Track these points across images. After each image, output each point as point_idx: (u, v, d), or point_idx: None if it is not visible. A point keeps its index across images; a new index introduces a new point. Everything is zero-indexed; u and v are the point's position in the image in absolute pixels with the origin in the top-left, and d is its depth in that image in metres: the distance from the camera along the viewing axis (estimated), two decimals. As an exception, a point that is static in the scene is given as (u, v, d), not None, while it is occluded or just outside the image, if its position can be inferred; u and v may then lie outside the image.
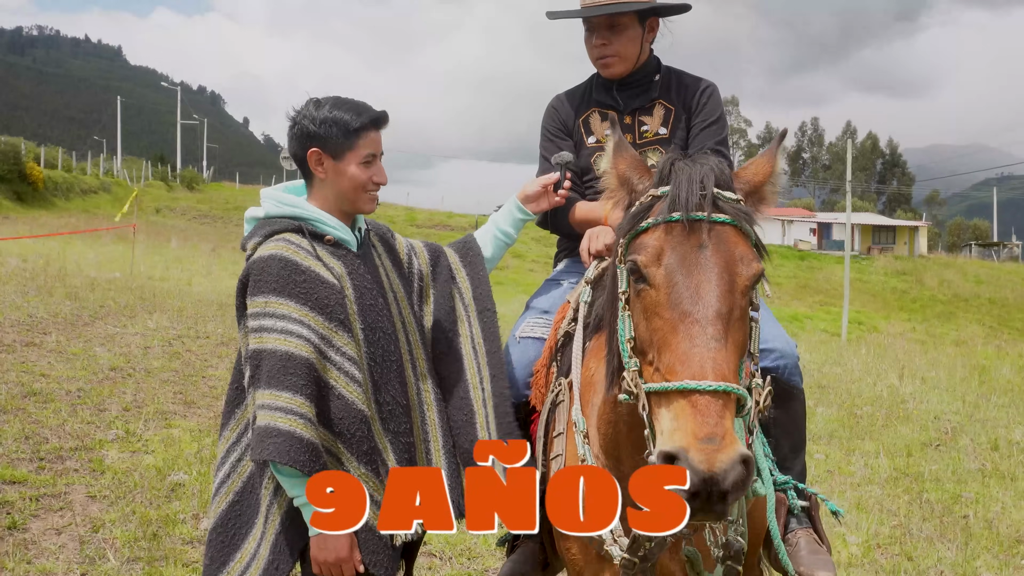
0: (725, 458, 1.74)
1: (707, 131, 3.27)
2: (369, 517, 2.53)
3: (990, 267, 58.76)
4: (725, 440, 1.77)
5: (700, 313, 1.93)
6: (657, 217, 2.08)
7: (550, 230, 3.47)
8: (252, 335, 2.53)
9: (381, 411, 2.67)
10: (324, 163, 2.70)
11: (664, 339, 1.96)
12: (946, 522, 6.39)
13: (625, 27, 3.20)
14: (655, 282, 2.02)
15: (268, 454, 2.39)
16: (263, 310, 2.53)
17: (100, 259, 21.59)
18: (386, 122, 2.78)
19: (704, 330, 1.91)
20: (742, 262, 2.03)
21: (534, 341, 3.15)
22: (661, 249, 2.03)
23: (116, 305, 13.87)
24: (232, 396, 2.73)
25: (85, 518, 5.23)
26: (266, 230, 2.66)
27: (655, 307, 2.00)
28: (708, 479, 1.73)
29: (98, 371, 9.12)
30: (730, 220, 2.06)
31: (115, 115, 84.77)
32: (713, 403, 1.82)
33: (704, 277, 1.97)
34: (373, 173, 2.73)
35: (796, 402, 3.02)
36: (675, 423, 1.83)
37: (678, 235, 2.03)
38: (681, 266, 2.00)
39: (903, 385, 12.78)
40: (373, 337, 2.68)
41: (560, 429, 2.68)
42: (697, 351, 1.89)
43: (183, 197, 57.52)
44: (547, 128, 3.45)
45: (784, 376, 2.93)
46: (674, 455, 1.77)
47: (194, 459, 6.48)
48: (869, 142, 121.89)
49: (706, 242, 2.01)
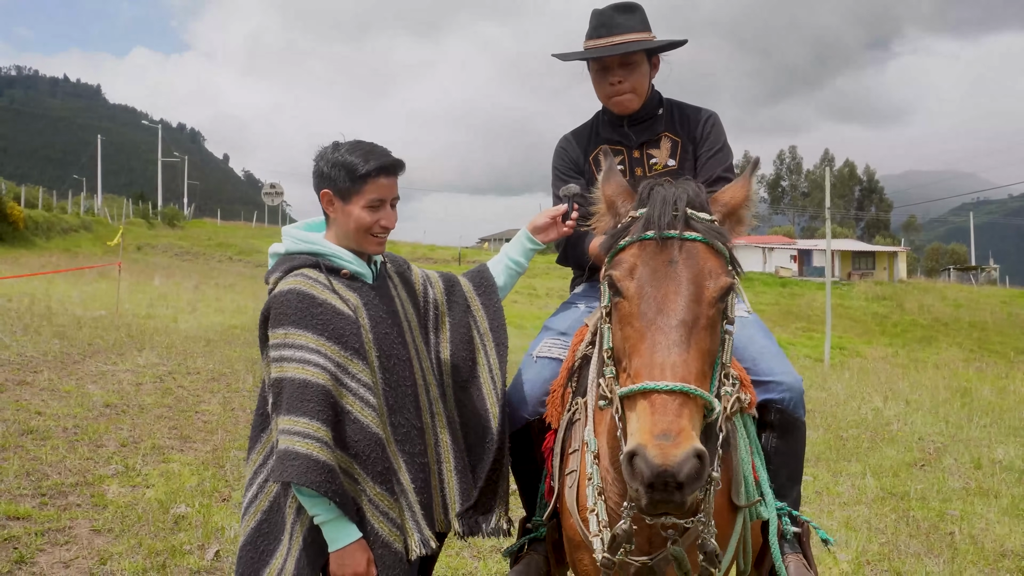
0: (679, 452, 1.86)
1: (714, 159, 3.42)
2: (385, 534, 2.67)
3: (969, 291, 59.27)
4: (680, 436, 1.89)
5: (664, 321, 2.08)
6: (633, 236, 2.25)
7: (570, 265, 3.62)
8: (273, 364, 2.67)
9: (396, 433, 2.80)
10: (334, 203, 2.85)
11: (634, 346, 2.11)
12: (933, 539, 6.54)
13: (637, 64, 3.34)
14: (628, 294, 2.18)
15: (288, 476, 2.52)
16: (283, 341, 2.67)
17: (84, 297, 21.62)
18: (401, 169, 2.88)
19: (666, 336, 2.05)
20: (710, 276, 2.17)
21: (550, 361, 3.27)
22: (634, 264, 2.20)
23: (104, 343, 13.92)
24: (257, 422, 2.86)
25: (91, 551, 5.30)
26: (286, 266, 2.81)
27: (628, 317, 2.16)
28: (661, 472, 1.85)
29: (92, 408, 9.18)
30: (701, 238, 2.21)
31: (95, 154, 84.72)
32: (669, 401, 1.95)
33: (671, 288, 2.13)
34: (380, 217, 2.84)
35: (798, 434, 3.15)
36: (637, 423, 1.97)
37: (650, 251, 2.19)
38: (651, 279, 2.15)
39: (887, 408, 12.96)
40: (388, 364, 2.82)
41: (575, 446, 2.81)
42: (659, 355, 2.03)
43: (165, 234, 57.45)
44: (558, 168, 3.57)
45: (790, 408, 3.07)
46: (634, 452, 1.91)
47: (195, 492, 6.56)
48: (847, 169, 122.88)
49: (676, 258, 2.17)
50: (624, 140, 3.48)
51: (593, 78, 3.45)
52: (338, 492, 2.59)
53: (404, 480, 2.79)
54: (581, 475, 2.71)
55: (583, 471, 2.69)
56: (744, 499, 2.63)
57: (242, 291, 29.80)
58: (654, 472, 1.86)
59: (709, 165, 3.42)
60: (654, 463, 1.86)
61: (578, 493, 2.71)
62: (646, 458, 1.87)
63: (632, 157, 3.46)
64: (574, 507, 2.69)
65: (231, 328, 18.44)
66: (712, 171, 3.39)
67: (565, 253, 3.53)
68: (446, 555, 5.46)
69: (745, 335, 3.09)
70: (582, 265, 3.59)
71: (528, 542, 3.19)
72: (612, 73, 3.35)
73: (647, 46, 3.30)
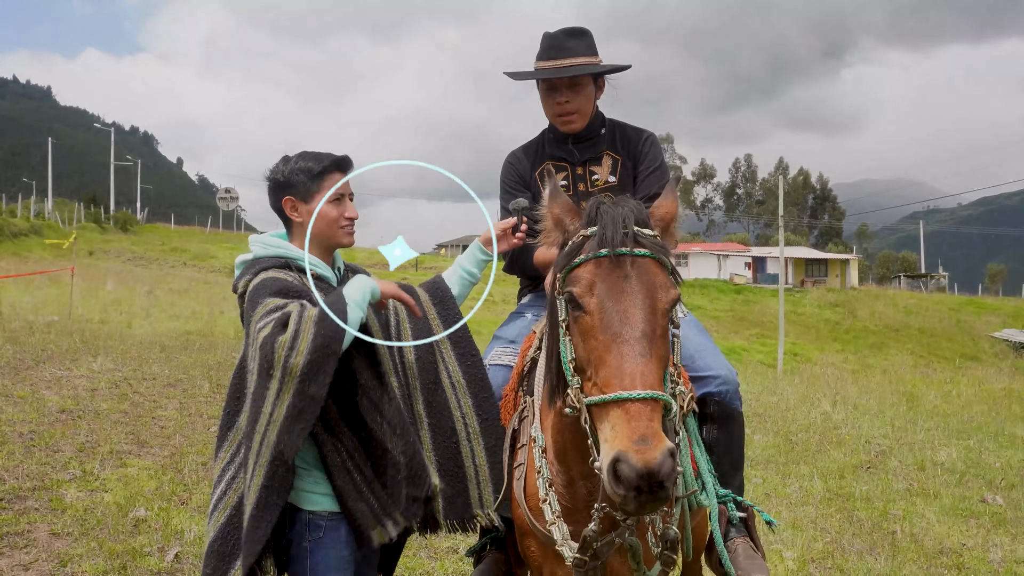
0: (657, 454, 2.02)
1: (652, 176, 3.63)
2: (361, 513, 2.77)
3: (919, 298, 60.46)
4: (655, 439, 2.05)
5: (628, 334, 2.23)
6: (588, 254, 2.39)
7: (516, 274, 3.80)
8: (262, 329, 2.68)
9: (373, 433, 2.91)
10: (298, 208, 3.01)
11: (600, 357, 2.25)
12: (875, 537, 6.78)
13: (583, 86, 3.55)
14: (589, 309, 2.32)
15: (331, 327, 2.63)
16: (268, 308, 2.72)
17: (36, 302, 21.34)
18: (350, 165, 3.10)
19: (633, 348, 2.21)
20: (661, 288, 2.35)
21: (502, 368, 3.45)
22: (593, 281, 2.35)
23: (58, 348, 13.80)
24: (225, 420, 2.95)
25: (51, 554, 5.34)
26: (255, 268, 2.92)
27: (590, 330, 2.30)
28: (645, 474, 2.00)
29: (48, 413, 9.15)
30: (649, 253, 2.38)
31: (45, 156, 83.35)
32: (643, 409, 2.10)
33: (630, 303, 2.28)
34: (344, 210, 3.05)
35: (736, 424, 3.37)
36: (614, 431, 2.11)
37: (606, 268, 2.35)
38: (610, 294, 2.31)
39: (835, 412, 13.28)
40: (354, 364, 2.92)
41: (523, 441, 2.98)
42: (627, 366, 2.18)
43: (117, 239, 56.77)
44: (505, 182, 3.76)
45: (726, 400, 3.30)
46: (617, 458, 2.05)
47: (154, 495, 6.60)
48: (801, 178, 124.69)
49: (630, 273, 2.33)
50: (568, 157, 3.68)
51: (542, 97, 3.64)
52: None
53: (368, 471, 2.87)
54: (528, 467, 2.87)
55: (531, 464, 2.85)
56: (682, 489, 2.79)
57: (196, 296, 29.59)
58: (639, 475, 1.99)
59: (648, 182, 3.63)
60: (638, 467, 1.99)
61: (525, 484, 2.86)
62: (630, 463, 2.01)
63: (575, 173, 3.67)
64: (522, 497, 2.85)
65: (186, 334, 18.35)
66: (650, 188, 3.59)
67: (512, 263, 3.71)
68: (404, 555, 5.57)
69: (682, 334, 3.27)
70: (527, 274, 3.78)
71: (489, 541, 3.32)
72: (560, 94, 3.55)
73: (593, 70, 3.51)
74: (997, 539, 6.85)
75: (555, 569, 2.78)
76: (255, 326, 2.71)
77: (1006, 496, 8.29)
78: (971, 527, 7.21)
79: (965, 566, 6.19)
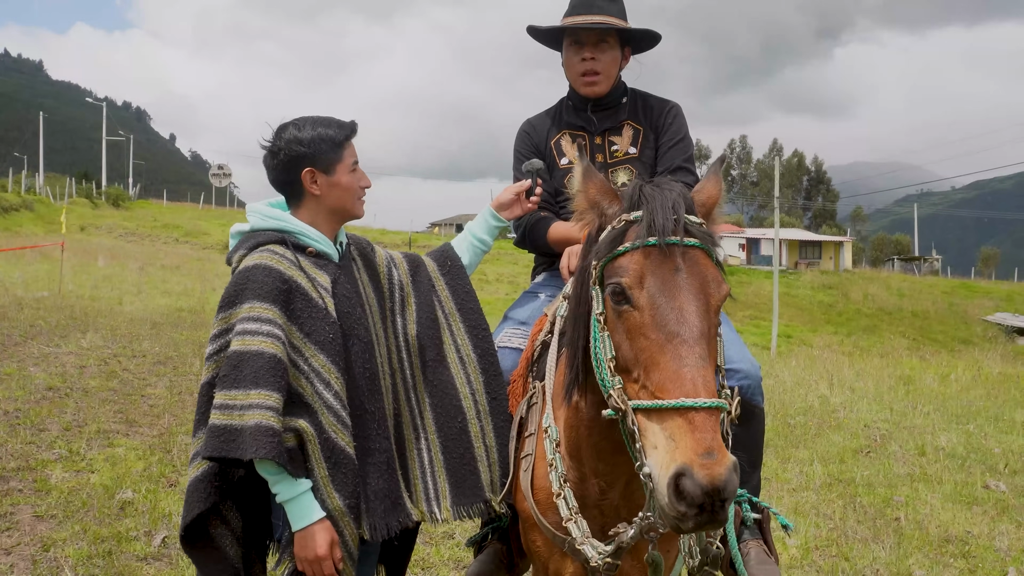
0: (723, 470, 1.85)
1: (674, 149, 3.45)
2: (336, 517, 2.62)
3: (912, 281, 60.42)
4: (721, 452, 1.88)
5: (687, 334, 2.02)
6: (635, 241, 2.16)
7: (528, 249, 3.60)
8: (235, 338, 2.57)
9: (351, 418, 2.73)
10: (318, 179, 2.80)
11: (652, 358, 2.04)
12: (879, 524, 6.65)
13: (611, 48, 3.40)
14: (639, 304, 2.10)
15: (255, 450, 2.42)
16: (248, 315, 2.58)
17: (26, 278, 21.11)
18: (356, 131, 2.90)
19: (692, 350, 2.01)
20: (713, 283, 2.14)
21: (511, 351, 3.25)
22: (642, 272, 2.12)
23: (47, 324, 13.62)
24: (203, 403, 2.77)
25: (34, 537, 5.18)
26: (251, 242, 2.74)
27: (640, 328, 2.08)
28: (711, 491, 1.83)
29: (34, 391, 8.97)
30: (700, 244, 2.17)
31: (37, 131, 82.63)
32: (708, 419, 1.92)
33: (685, 299, 2.07)
34: (359, 178, 2.87)
35: (757, 420, 3.17)
36: (673, 441, 1.92)
37: (656, 259, 2.12)
38: (663, 289, 2.09)
39: (833, 395, 13.16)
40: (349, 344, 2.76)
41: (531, 430, 2.80)
42: (688, 370, 1.98)
43: (109, 215, 56.37)
44: (519, 151, 3.57)
45: (748, 396, 3.07)
46: (681, 473, 1.86)
47: (142, 477, 6.44)
48: (795, 160, 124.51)
49: (680, 265, 2.11)
50: (587, 126, 3.50)
51: (566, 56, 3.49)
52: (300, 470, 2.55)
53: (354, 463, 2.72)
54: (537, 458, 2.70)
55: (539, 454, 2.68)
56: None
57: (188, 273, 29.34)
58: (705, 492, 1.83)
59: (670, 155, 3.45)
60: (703, 483, 1.83)
61: (533, 475, 2.70)
62: (695, 478, 1.84)
63: (594, 143, 3.49)
64: (528, 490, 2.68)
65: (177, 311, 18.16)
66: (672, 160, 3.42)
67: (523, 237, 3.51)
68: (398, 541, 5.42)
69: None
70: (540, 251, 3.58)
71: (491, 531, 3.17)
72: (586, 50, 3.39)
73: (626, 28, 3.37)
74: (1002, 527, 6.72)
75: (561, 566, 2.62)
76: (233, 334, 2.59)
77: (1009, 482, 8.17)
78: (975, 514, 7.08)
79: (971, 555, 6.07)
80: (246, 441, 2.44)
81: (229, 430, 2.46)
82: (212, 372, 2.65)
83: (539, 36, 3.58)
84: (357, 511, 2.66)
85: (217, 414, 2.50)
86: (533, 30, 3.54)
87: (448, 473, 2.93)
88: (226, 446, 2.46)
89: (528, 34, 3.58)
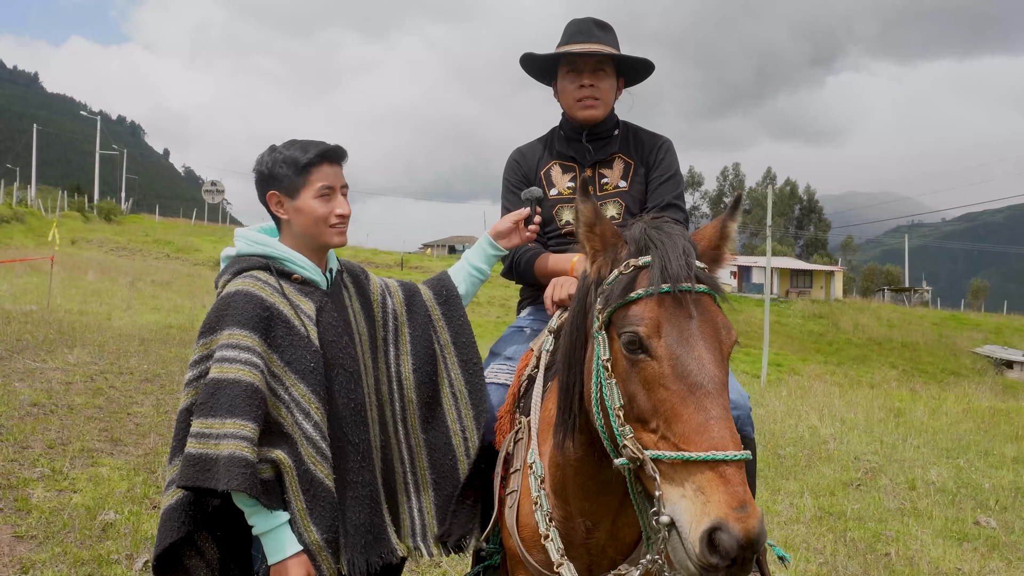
0: (757, 522, 1.84)
1: (665, 185, 3.42)
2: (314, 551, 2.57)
3: (902, 311, 60.61)
4: (752, 505, 1.87)
5: (710, 385, 1.99)
6: (649, 288, 2.11)
7: (515, 280, 3.56)
8: (214, 365, 2.54)
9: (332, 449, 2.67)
10: (283, 204, 2.75)
11: (673, 410, 1.99)
12: (870, 560, 6.59)
13: (607, 75, 3.40)
14: (658, 354, 2.05)
15: (232, 482, 2.38)
16: (227, 342, 2.55)
17: (15, 291, 20.98)
18: (343, 156, 2.82)
19: (716, 401, 1.98)
20: (724, 330, 2.12)
21: (498, 387, 3.21)
22: (659, 321, 2.07)
23: (34, 339, 13.51)
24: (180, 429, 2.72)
25: (12, 559, 5.08)
26: (236, 267, 2.70)
27: (659, 379, 2.03)
28: (747, 545, 1.81)
29: (19, 407, 8.87)
30: (707, 290, 2.14)
31: (30, 143, 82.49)
32: (738, 472, 1.91)
33: (703, 348, 2.04)
34: (334, 207, 2.76)
35: (749, 451, 3.14)
36: (703, 494, 1.89)
37: (670, 307, 2.08)
38: (681, 339, 2.05)
39: (823, 426, 13.10)
40: (333, 374, 2.71)
41: (517, 466, 2.76)
42: (715, 423, 1.95)
43: (100, 229, 56.15)
44: (509, 180, 3.55)
45: (739, 427, 3.03)
46: (717, 527, 1.84)
47: (125, 498, 6.34)
48: (788, 188, 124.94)
49: (694, 313, 2.08)
50: (578, 156, 3.48)
51: (561, 84, 3.46)
52: (277, 502, 2.50)
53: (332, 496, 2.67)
54: (522, 494, 2.67)
55: (524, 491, 2.65)
56: None
57: (179, 289, 29.21)
58: (741, 546, 1.82)
59: (660, 191, 3.42)
60: (739, 536, 1.81)
61: (518, 513, 2.66)
62: (731, 532, 1.82)
63: (584, 175, 3.44)
64: (514, 528, 2.65)
65: (167, 327, 18.05)
66: (662, 197, 3.39)
67: (511, 267, 3.48)
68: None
69: None
70: (527, 282, 3.54)
71: (482, 570, 3.12)
72: (584, 77, 3.38)
73: (623, 55, 3.37)
74: (993, 564, 6.67)
75: None
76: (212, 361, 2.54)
77: (999, 518, 8.12)
78: (966, 551, 7.02)
79: (962, 593, 6.01)
80: (220, 471, 2.39)
81: (204, 459, 2.42)
82: (191, 399, 2.60)
83: (532, 68, 3.56)
84: (336, 545, 2.61)
85: (193, 442, 2.46)
86: (529, 58, 3.50)
87: (438, 510, 2.88)
88: (200, 476, 2.41)
89: (521, 66, 3.55)
